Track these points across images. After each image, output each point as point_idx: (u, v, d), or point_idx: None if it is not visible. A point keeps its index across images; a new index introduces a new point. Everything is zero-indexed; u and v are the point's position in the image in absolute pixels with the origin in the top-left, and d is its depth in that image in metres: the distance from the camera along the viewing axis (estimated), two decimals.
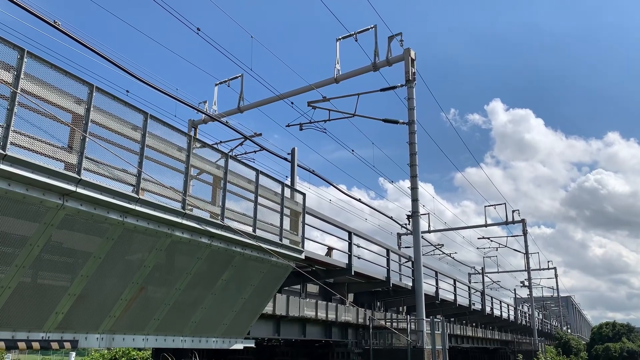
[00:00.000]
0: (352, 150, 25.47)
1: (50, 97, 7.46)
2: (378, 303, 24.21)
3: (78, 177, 7.57)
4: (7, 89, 6.90)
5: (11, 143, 6.86)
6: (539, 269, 67.58)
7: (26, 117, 7.16)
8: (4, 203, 7.01)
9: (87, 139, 7.81)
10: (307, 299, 17.11)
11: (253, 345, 13.15)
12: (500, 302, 42.55)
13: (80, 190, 7.60)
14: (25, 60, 7.10)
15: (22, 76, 7.05)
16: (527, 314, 52.93)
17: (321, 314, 17.28)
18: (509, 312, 45.00)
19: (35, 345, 7.99)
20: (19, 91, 6.96)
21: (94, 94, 8.02)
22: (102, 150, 8.09)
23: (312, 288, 19.30)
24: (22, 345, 7.81)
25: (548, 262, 71.26)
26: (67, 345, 8.52)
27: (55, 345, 8.28)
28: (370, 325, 20.10)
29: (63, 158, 7.61)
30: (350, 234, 18.31)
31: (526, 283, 53.52)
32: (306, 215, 13.93)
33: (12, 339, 7.71)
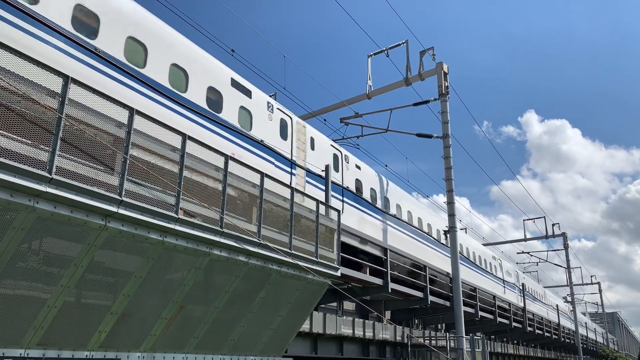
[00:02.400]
0: (386, 166, 25.49)
1: (92, 121, 7.71)
2: (416, 320, 23.85)
3: (120, 198, 7.76)
4: (52, 114, 7.16)
5: (57, 167, 7.09)
6: (582, 284, 65.56)
7: (70, 141, 7.41)
8: (49, 225, 7.23)
9: (127, 162, 8.01)
10: (344, 317, 16.98)
11: None
12: (542, 318, 41.32)
13: (122, 211, 7.79)
14: (69, 86, 7.37)
15: (66, 102, 7.31)
16: (570, 331, 51.19)
17: (358, 332, 17.11)
18: (551, 329, 43.61)
19: None
20: (63, 117, 7.21)
21: (134, 117, 8.24)
22: (143, 171, 8.28)
23: (348, 305, 19.18)
24: None
25: (591, 276, 69.12)
26: None
27: None
28: (409, 343, 19.80)
29: (105, 180, 7.82)
30: (386, 250, 18.16)
31: (569, 299, 51.93)
32: (341, 231, 13.89)
33: (58, 358, 7.90)
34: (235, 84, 13.56)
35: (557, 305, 48.46)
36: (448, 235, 21.40)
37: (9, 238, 6.83)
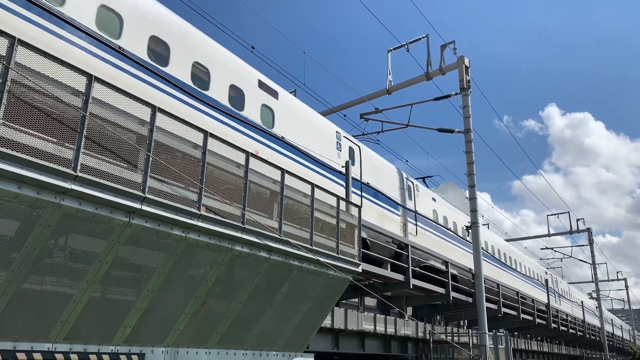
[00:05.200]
0: (407, 161, 25.51)
1: (115, 119, 7.81)
2: (438, 317, 23.73)
3: (143, 195, 7.86)
4: (76, 113, 7.27)
5: (81, 164, 7.20)
6: (608, 280, 64.40)
7: (94, 138, 7.52)
8: (75, 221, 7.36)
9: (150, 159, 8.10)
10: (365, 313, 16.97)
11: (312, 359, 13.14)
12: (567, 315, 40.74)
13: (145, 208, 7.88)
14: (93, 85, 7.47)
15: (90, 100, 7.42)
16: (596, 328, 50.36)
17: (380, 328, 17.08)
18: (576, 325, 42.97)
19: (106, 357, 8.29)
20: (87, 115, 7.32)
21: (157, 114, 8.33)
22: (165, 168, 8.37)
23: (370, 301, 19.17)
24: (93, 357, 8.13)
25: (617, 272, 67.81)
26: (135, 358, 8.80)
27: (124, 358, 8.57)
28: (431, 340, 19.70)
29: (128, 177, 7.92)
30: (407, 246, 18.09)
31: (594, 295, 51.12)
32: (362, 227, 13.87)
33: (85, 352, 8.04)
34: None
35: (582, 301, 47.75)
36: (470, 230, 21.21)
37: (35, 234, 6.96)
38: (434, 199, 22.70)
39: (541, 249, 47.75)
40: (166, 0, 11.74)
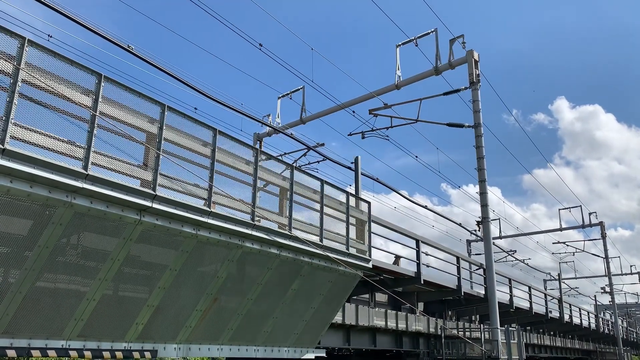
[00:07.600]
0: (416, 157, 25.18)
1: (125, 117, 7.86)
2: (449, 312, 23.66)
3: (154, 193, 7.91)
4: (86, 112, 7.32)
5: (92, 163, 7.26)
6: (621, 274, 63.69)
7: (104, 137, 7.57)
8: (87, 220, 7.42)
9: (160, 157, 8.15)
10: (377, 308, 16.96)
11: (324, 354, 13.17)
12: (580, 309, 40.43)
13: (156, 205, 7.93)
14: (102, 84, 7.52)
15: (100, 99, 7.47)
16: (609, 322, 49.93)
17: (391, 324, 17.07)
18: (589, 320, 42.63)
19: (119, 354, 8.37)
20: (97, 114, 7.37)
21: (166, 113, 8.37)
22: (175, 166, 8.41)
23: (381, 297, 19.13)
24: (106, 354, 8.21)
25: (631, 266, 66.94)
26: (148, 355, 8.87)
27: (136, 354, 8.64)
28: (442, 335, 19.64)
29: (139, 175, 7.98)
30: (418, 241, 18.04)
31: (607, 289, 50.70)
32: (372, 223, 13.85)
33: (98, 349, 8.13)
34: None
35: (594, 295, 47.37)
36: (481, 225, 21.09)
37: (48, 233, 7.04)
38: None
39: (553, 243, 47.16)
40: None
